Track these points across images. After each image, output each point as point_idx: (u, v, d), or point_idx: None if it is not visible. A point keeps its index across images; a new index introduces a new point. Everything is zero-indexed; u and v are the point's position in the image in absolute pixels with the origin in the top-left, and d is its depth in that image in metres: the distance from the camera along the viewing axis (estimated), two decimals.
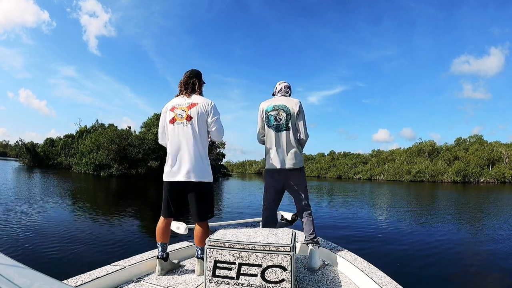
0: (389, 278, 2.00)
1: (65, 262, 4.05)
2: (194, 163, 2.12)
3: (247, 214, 8.81)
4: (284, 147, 2.50)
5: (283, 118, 2.52)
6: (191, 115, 2.15)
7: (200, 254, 2.17)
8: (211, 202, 2.25)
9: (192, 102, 2.21)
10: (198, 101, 2.21)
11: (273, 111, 2.56)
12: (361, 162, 68.00)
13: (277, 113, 2.55)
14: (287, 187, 2.56)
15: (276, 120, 2.54)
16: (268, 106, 2.60)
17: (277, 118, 2.54)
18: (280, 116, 2.53)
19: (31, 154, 43.23)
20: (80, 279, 1.79)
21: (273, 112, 2.56)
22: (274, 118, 2.55)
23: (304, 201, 2.54)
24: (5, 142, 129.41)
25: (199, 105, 2.18)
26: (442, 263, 4.77)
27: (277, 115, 2.54)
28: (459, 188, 30.22)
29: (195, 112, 2.16)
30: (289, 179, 2.53)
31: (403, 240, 6.34)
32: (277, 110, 2.55)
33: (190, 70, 2.35)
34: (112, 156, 29.99)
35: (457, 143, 60.09)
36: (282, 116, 2.53)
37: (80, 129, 42.85)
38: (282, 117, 2.53)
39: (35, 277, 0.84)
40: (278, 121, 2.53)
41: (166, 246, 2.22)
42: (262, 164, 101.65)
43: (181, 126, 2.16)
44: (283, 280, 1.60)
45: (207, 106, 2.20)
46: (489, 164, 50.66)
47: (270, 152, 2.54)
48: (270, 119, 2.56)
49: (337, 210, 10.72)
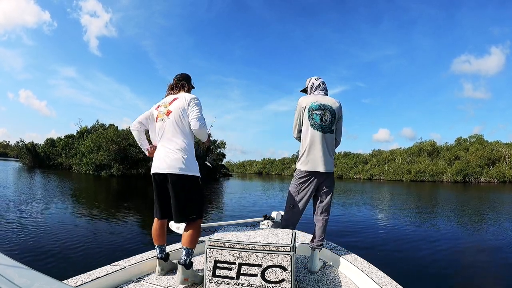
0: (389, 278, 2.00)
1: (65, 262, 4.05)
2: (173, 155, 2.00)
3: (247, 214, 8.82)
4: (327, 149, 2.38)
5: (328, 120, 2.38)
6: (170, 109, 2.10)
7: (184, 256, 1.95)
8: (195, 201, 2.05)
9: (173, 97, 2.17)
10: (178, 96, 2.16)
11: (319, 110, 2.38)
12: (361, 162, 68.05)
13: (323, 113, 2.38)
14: (319, 190, 2.46)
15: (321, 121, 2.37)
16: (313, 104, 2.40)
17: (323, 119, 2.37)
18: (326, 117, 2.38)
19: (32, 154, 43.24)
20: (80, 279, 1.79)
21: (318, 112, 2.38)
22: (320, 118, 2.37)
23: (328, 205, 2.47)
24: (5, 143, 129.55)
25: (180, 99, 2.12)
26: (442, 263, 4.77)
27: (323, 115, 2.38)
28: (460, 188, 30.20)
29: (173, 106, 2.10)
30: (324, 182, 2.43)
31: (403, 240, 6.34)
32: (324, 110, 2.38)
33: (180, 74, 2.33)
34: (113, 156, 30.02)
35: (458, 143, 60.07)
36: (328, 117, 2.38)
37: (81, 130, 42.93)
38: (327, 118, 2.38)
39: (35, 277, 0.84)
40: (324, 122, 2.38)
41: (164, 247, 2.20)
42: (262, 164, 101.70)
43: (161, 122, 2.12)
44: (283, 280, 1.60)
45: (187, 99, 2.11)
46: (489, 163, 50.62)
47: (311, 153, 2.38)
48: (316, 118, 2.38)
49: (337, 210, 10.71)
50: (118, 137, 31.01)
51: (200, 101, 2.16)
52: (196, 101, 2.13)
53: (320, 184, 2.43)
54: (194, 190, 2.05)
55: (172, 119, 2.07)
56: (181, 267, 1.92)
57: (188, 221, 2.02)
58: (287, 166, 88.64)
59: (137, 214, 8.67)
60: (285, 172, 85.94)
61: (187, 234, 2.00)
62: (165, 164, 2.00)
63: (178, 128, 2.06)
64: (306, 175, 2.40)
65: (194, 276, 1.95)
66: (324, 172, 2.37)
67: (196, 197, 2.06)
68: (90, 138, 34.04)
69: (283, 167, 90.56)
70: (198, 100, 2.15)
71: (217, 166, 34.22)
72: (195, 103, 2.11)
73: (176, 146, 2.03)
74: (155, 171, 2.05)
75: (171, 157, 2.00)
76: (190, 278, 1.93)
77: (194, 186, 2.05)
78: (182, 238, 2.02)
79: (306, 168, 2.39)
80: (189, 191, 2.02)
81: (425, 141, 62.73)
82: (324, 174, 2.39)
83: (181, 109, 2.08)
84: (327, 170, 2.37)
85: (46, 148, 44.75)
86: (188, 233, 2.00)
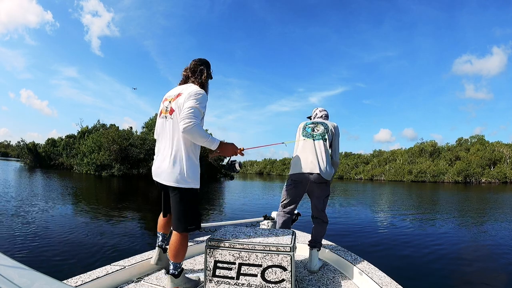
0: (389, 278, 1.99)
1: (65, 262, 4.06)
2: (172, 165, 1.81)
3: (247, 214, 8.81)
4: (317, 154, 2.41)
5: (320, 130, 2.53)
6: (173, 108, 1.85)
7: (172, 270, 1.84)
8: (190, 212, 1.87)
9: (179, 92, 1.89)
10: (183, 90, 1.87)
11: (311, 124, 2.60)
12: (362, 162, 67.86)
13: (315, 125, 2.57)
14: (311, 193, 2.47)
15: (313, 131, 2.54)
16: (307, 122, 2.65)
17: (315, 129, 2.55)
18: (317, 127, 2.55)
19: (33, 154, 43.31)
20: (80, 279, 1.79)
21: (311, 125, 2.59)
22: (311, 129, 2.56)
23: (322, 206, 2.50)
24: (6, 143, 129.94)
25: (182, 95, 1.83)
26: (442, 263, 4.76)
27: (315, 127, 2.56)
28: (461, 188, 30.13)
29: (176, 104, 1.84)
30: (316, 185, 2.41)
31: (403, 240, 6.32)
32: (316, 124, 2.59)
33: (198, 58, 2.06)
34: (114, 157, 30.05)
35: (459, 143, 59.90)
36: (320, 128, 2.54)
37: (82, 130, 42.95)
38: (319, 129, 2.54)
39: (35, 277, 0.84)
40: (315, 132, 2.53)
41: (166, 236, 2.18)
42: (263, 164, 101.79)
43: (164, 120, 1.91)
44: (283, 280, 1.60)
45: (191, 94, 1.80)
46: (490, 164, 50.48)
47: (300, 157, 2.45)
48: (308, 130, 2.56)
49: (338, 210, 10.70)
50: (119, 137, 31.03)
51: (203, 96, 1.83)
52: (196, 96, 1.80)
53: (311, 187, 2.43)
54: (189, 202, 1.87)
55: (175, 119, 1.83)
56: (169, 277, 1.85)
57: (183, 231, 1.86)
58: (288, 166, 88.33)
59: (138, 214, 8.67)
60: (285, 173, 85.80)
61: (174, 245, 1.84)
62: (168, 175, 1.82)
63: (179, 132, 1.80)
64: (294, 179, 2.47)
65: (185, 282, 1.91)
66: (313, 173, 2.34)
67: (192, 209, 1.89)
68: (91, 138, 34.08)
69: (284, 168, 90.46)
70: (200, 95, 1.82)
71: (217, 167, 34.24)
72: (193, 98, 1.78)
73: (178, 153, 1.82)
74: (157, 180, 1.92)
75: (173, 168, 1.81)
76: (181, 286, 1.88)
77: (191, 198, 1.87)
78: (168, 250, 1.88)
79: (293, 171, 2.46)
80: (185, 204, 1.86)
81: (426, 142, 62.63)
82: (313, 176, 2.35)
83: (179, 108, 1.82)
84: (317, 171, 2.33)
85: (47, 148, 44.80)
86: (174, 245, 1.84)
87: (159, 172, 1.88)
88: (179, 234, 1.85)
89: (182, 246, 1.86)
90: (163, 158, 1.87)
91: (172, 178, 1.81)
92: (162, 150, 1.91)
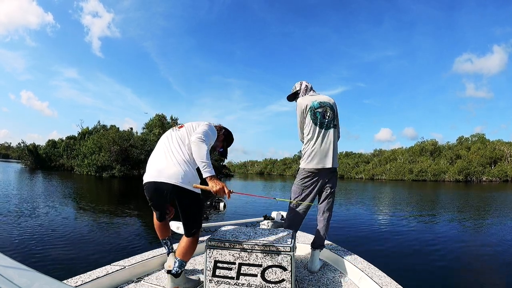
0: (389, 278, 1.99)
1: (65, 262, 4.07)
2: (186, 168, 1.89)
3: (247, 214, 8.81)
4: (331, 145, 2.35)
5: (330, 116, 2.39)
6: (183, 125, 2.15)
7: (176, 268, 1.87)
8: (199, 215, 1.98)
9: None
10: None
11: (320, 108, 2.38)
12: (363, 162, 67.84)
13: (324, 110, 2.38)
14: (323, 189, 2.41)
15: (324, 117, 2.37)
16: (314, 102, 2.39)
17: (325, 115, 2.38)
18: (327, 113, 2.38)
19: (33, 155, 43.31)
20: (80, 279, 1.79)
21: (320, 109, 2.38)
22: (322, 115, 2.37)
23: (331, 205, 2.45)
24: (7, 144, 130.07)
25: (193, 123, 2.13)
26: (442, 263, 4.76)
27: (324, 112, 2.38)
28: (461, 187, 30.10)
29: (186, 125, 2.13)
30: (329, 180, 2.39)
31: (403, 240, 6.32)
32: (324, 107, 2.39)
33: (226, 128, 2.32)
34: (114, 158, 30.08)
35: (459, 142, 59.90)
36: (329, 113, 2.39)
37: (82, 131, 42.98)
38: (329, 115, 2.39)
39: (35, 277, 0.84)
40: (326, 119, 2.38)
41: (170, 240, 2.19)
42: (264, 164, 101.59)
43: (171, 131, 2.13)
44: (283, 280, 1.60)
45: (201, 124, 2.07)
46: (491, 162, 50.46)
47: (316, 150, 2.35)
48: (318, 116, 2.37)
49: (338, 210, 10.69)
50: (120, 138, 31.07)
51: (212, 129, 2.05)
52: (208, 125, 2.03)
53: (325, 182, 2.39)
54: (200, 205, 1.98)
55: (184, 131, 2.02)
56: (170, 277, 1.87)
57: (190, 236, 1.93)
58: (289, 166, 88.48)
59: (138, 214, 8.68)
60: (286, 172, 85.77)
61: (183, 245, 1.91)
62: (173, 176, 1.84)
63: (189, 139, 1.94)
64: (310, 174, 2.37)
65: (185, 282, 1.92)
66: (330, 168, 2.34)
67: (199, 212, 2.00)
68: (92, 139, 34.10)
69: (285, 167, 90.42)
70: (211, 126, 2.05)
71: (218, 167, 34.21)
72: (206, 126, 2.00)
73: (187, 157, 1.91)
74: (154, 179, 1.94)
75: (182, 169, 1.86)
76: (181, 286, 1.90)
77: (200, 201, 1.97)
78: (177, 248, 1.95)
79: (311, 166, 2.35)
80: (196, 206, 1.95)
81: (426, 141, 62.63)
82: (329, 171, 2.37)
83: (192, 126, 2.04)
84: (333, 165, 2.35)
85: (47, 150, 44.81)
86: (184, 245, 1.91)
87: (170, 174, 1.81)
88: (192, 237, 1.92)
89: (194, 246, 1.94)
90: (173, 162, 1.84)
91: (185, 181, 1.81)
92: (169, 154, 1.89)
